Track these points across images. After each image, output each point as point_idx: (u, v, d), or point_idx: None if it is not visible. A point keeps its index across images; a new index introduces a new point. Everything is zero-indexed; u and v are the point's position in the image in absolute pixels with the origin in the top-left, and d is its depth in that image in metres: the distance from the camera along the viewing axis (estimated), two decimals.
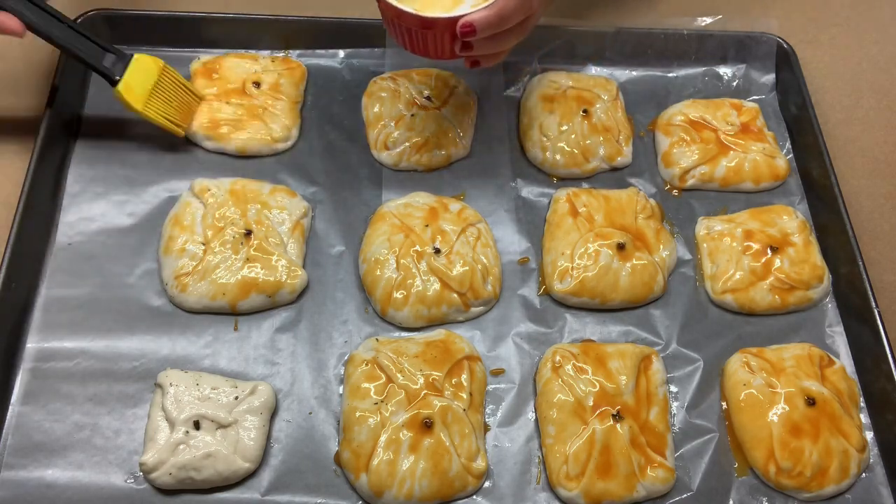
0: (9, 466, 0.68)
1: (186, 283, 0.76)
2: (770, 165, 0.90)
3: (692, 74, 0.98)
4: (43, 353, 0.73)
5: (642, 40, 0.97)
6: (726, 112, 0.93)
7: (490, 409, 0.75)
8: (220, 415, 0.69)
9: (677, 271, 0.84)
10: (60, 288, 0.77)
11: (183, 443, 0.68)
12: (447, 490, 0.69)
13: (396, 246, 0.79)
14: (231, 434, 0.69)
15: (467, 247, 0.80)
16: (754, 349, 0.79)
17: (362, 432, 0.70)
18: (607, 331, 0.80)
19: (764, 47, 0.97)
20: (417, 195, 0.84)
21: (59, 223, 0.80)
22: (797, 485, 0.72)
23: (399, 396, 0.71)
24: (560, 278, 0.80)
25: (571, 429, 0.72)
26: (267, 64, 0.91)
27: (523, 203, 0.87)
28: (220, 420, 0.69)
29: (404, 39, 0.73)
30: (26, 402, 0.71)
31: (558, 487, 0.71)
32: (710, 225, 0.86)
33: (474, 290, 0.79)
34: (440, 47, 0.72)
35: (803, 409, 0.73)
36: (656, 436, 0.73)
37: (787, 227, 0.85)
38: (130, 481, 0.69)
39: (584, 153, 0.89)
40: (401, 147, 0.87)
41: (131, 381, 0.73)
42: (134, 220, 0.81)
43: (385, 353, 0.73)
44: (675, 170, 0.89)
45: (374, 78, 0.92)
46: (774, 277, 0.81)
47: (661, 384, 0.76)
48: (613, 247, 0.81)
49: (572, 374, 0.74)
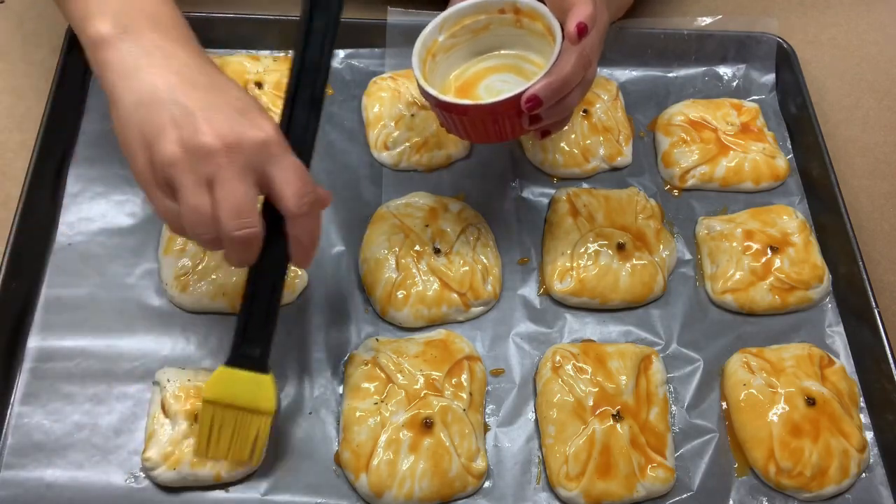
0: (9, 466, 0.68)
1: (186, 283, 0.76)
2: (770, 165, 0.90)
3: (692, 74, 0.98)
4: (43, 353, 0.73)
5: (642, 40, 0.97)
6: (726, 112, 0.93)
7: (490, 409, 0.75)
8: None
9: (677, 271, 0.84)
10: (60, 288, 0.77)
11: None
12: (447, 490, 0.69)
13: (396, 246, 0.80)
14: None
15: (467, 247, 0.81)
16: (754, 349, 0.79)
17: (362, 432, 0.70)
18: (607, 331, 0.80)
19: (764, 47, 0.97)
20: (417, 195, 0.84)
21: (59, 223, 0.80)
22: (797, 485, 0.72)
23: (399, 396, 0.71)
24: (560, 278, 0.80)
25: (571, 429, 0.72)
26: (269, 64, 0.91)
27: (523, 203, 0.87)
28: None
29: (469, 132, 0.72)
30: (26, 402, 0.71)
31: (558, 487, 0.71)
32: (710, 225, 0.86)
33: (474, 290, 0.79)
34: (508, 128, 0.70)
35: (803, 409, 0.73)
36: (656, 436, 0.73)
37: (787, 227, 0.85)
38: (130, 481, 0.69)
39: (584, 153, 0.89)
40: (401, 147, 0.87)
41: (131, 381, 0.73)
42: (134, 220, 0.81)
43: (385, 353, 0.74)
44: (675, 170, 0.89)
45: (374, 78, 0.92)
46: (774, 277, 0.81)
47: (661, 384, 0.76)
48: (613, 247, 0.81)
49: (572, 374, 0.74)
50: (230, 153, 0.56)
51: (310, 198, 0.59)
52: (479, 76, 0.77)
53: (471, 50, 0.77)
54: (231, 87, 0.61)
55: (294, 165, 0.59)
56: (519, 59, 0.76)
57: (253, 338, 0.65)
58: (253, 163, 0.57)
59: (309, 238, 0.62)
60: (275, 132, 0.59)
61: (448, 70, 0.77)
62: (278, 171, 0.58)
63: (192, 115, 0.57)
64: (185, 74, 0.59)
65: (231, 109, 0.58)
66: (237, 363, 0.65)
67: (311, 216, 0.61)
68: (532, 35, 0.75)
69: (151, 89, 0.58)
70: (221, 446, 0.66)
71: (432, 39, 0.75)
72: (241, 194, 0.57)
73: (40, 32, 0.95)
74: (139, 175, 0.59)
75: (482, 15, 0.75)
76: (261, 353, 0.66)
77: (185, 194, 0.57)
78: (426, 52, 0.74)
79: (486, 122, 0.70)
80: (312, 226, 0.62)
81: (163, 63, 0.60)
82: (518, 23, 0.75)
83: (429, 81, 0.72)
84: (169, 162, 0.56)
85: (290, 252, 0.62)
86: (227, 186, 0.56)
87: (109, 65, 0.60)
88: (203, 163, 0.56)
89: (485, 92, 0.75)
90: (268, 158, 0.58)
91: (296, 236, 0.61)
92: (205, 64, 0.62)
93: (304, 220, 0.60)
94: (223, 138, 0.56)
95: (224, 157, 0.56)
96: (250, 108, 0.59)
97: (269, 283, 0.65)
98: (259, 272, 0.64)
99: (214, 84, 0.60)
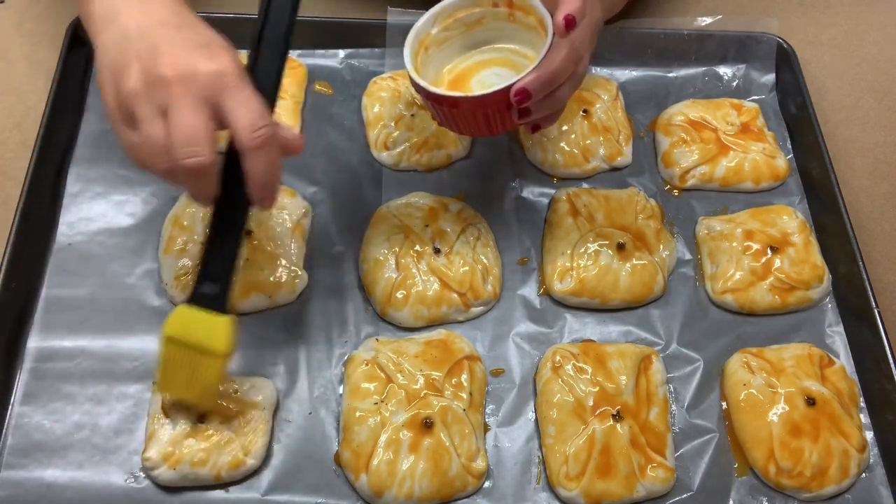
0: (9, 466, 0.68)
1: (186, 282, 0.76)
2: (770, 165, 0.90)
3: (692, 74, 0.98)
4: (43, 353, 0.73)
5: (642, 40, 0.97)
6: (726, 112, 0.93)
7: (490, 409, 0.75)
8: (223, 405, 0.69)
9: (677, 271, 0.84)
10: (60, 288, 0.77)
11: (188, 436, 0.68)
12: (447, 490, 0.69)
13: (396, 246, 0.80)
14: (235, 429, 0.69)
15: (467, 247, 0.81)
16: (754, 349, 0.79)
17: (362, 432, 0.70)
18: (607, 331, 0.80)
19: (764, 47, 0.97)
20: (417, 195, 0.84)
21: (59, 223, 0.80)
22: (797, 485, 0.72)
23: (399, 396, 0.71)
24: (560, 278, 0.80)
25: (571, 429, 0.72)
26: None
27: (523, 203, 0.87)
28: (224, 412, 0.69)
29: (460, 125, 0.72)
30: (26, 402, 0.71)
31: (558, 487, 0.71)
32: (710, 225, 0.86)
33: (474, 290, 0.79)
34: (499, 121, 0.70)
35: (803, 410, 0.73)
36: (656, 436, 0.73)
37: (787, 227, 0.85)
38: (130, 481, 0.69)
39: (584, 153, 0.89)
40: (401, 147, 0.87)
41: (131, 381, 0.73)
42: (134, 220, 0.81)
43: (385, 353, 0.74)
44: (675, 170, 0.89)
45: (374, 78, 0.92)
46: (774, 277, 0.81)
47: (661, 384, 0.76)
48: (613, 247, 0.81)
49: (572, 374, 0.74)
50: (184, 83, 0.57)
51: (263, 132, 0.59)
52: (473, 70, 0.77)
53: (464, 43, 0.77)
54: (202, 26, 0.63)
55: (248, 98, 0.59)
56: (512, 53, 0.76)
57: (212, 276, 0.65)
58: (207, 94, 0.58)
59: (264, 174, 0.60)
60: (232, 65, 0.59)
61: (441, 63, 0.77)
62: (232, 103, 0.58)
63: (155, 50, 0.58)
64: (156, 16, 0.61)
65: (193, 44, 0.60)
66: (197, 301, 0.65)
67: (266, 151, 0.59)
68: (525, 29, 0.74)
69: (124, 31, 0.61)
70: (178, 384, 0.66)
71: (425, 32, 0.75)
72: (191, 123, 0.57)
73: (40, 32, 0.95)
74: (109, 112, 0.61)
75: (476, 8, 0.75)
76: (220, 291, 0.65)
77: (142, 124, 0.58)
78: (419, 44, 0.74)
79: (477, 115, 0.70)
80: (267, 161, 0.60)
81: (138, 7, 0.62)
82: (511, 16, 0.75)
83: (421, 74, 0.72)
84: (129, 93, 0.58)
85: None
86: (179, 115, 0.57)
87: (92, 16, 0.64)
88: (159, 93, 0.58)
89: (477, 85, 0.75)
90: (222, 90, 0.58)
91: (250, 171, 0.60)
92: (180, 9, 0.64)
93: (257, 154, 0.59)
94: (178, 68, 0.57)
95: (178, 87, 0.57)
96: (213, 44, 0.61)
97: (229, 221, 0.65)
98: (221, 210, 0.64)
99: (185, 23, 0.62)
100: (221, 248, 0.65)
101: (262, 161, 0.60)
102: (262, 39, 0.64)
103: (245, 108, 0.58)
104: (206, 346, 0.65)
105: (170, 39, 0.59)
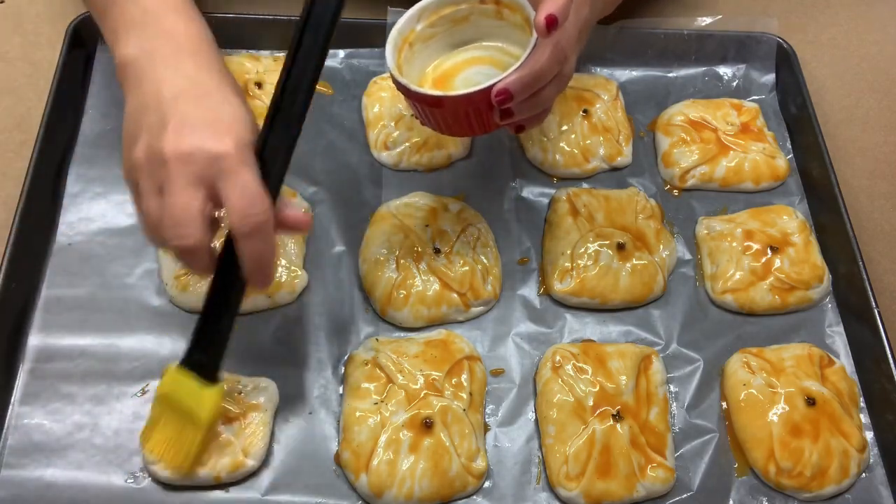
0: (9, 466, 0.68)
1: (186, 282, 0.76)
2: (770, 165, 0.90)
3: (692, 74, 0.98)
4: (43, 353, 0.73)
5: (642, 40, 0.97)
6: (726, 112, 0.93)
7: (490, 409, 0.75)
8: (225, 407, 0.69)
9: (677, 271, 0.84)
10: (60, 288, 0.77)
11: None
12: (447, 490, 0.69)
13: (396, 246, 0.80)
14: (236, 429, 0.69)
15: (467, 247, 0.81)
16: (754, 349, 0.79)
17: (362, 432, 0.70)
18: (607, 331, 0.80)
19: (764, 47, 0.98)
20: (417, 195, 0.84)
21: (59, 223, 0.80)
22: (797, 485, 0.72)
23: (399, 396, 0.71)
24: (560, 278, 0.80)
25: (571, 429, 0.72)
26: (269, 64, 0.91)
27: (523, 203, 0.87)
28: (225, 414, 0.69)
29: (441, 124, 0.70)
30: (26, 402, 0.71)
31: (558, 487, 0.71)
32: (710, 225, 0.86)
33: (474, 290, 0.79)
34: (480, 121, 0.69)
35: (803, 409, 0.73)
36: (656, 436, 0.73)
37: (787, 227, 0.85)
38: (130, 481, 0.69)
39: (584, 153, 0.89)
40: (401, 147, 0.87)
41: (131, 381, 0.73)
42: (134, 220, 0.81)
43: (385, 353, 0.74)
44: (675, 170, 0.89)
45: (374, 78, 0.92)
46: (774, 277, 0.81)
47: (661, 384, 0.76)
48: (613, 247, 0.81)
49: (572, 374, 0.74)
50: (181, 163, 0.57)
51: (254, 218, 0.58)
52: (458, 68, 0.75)
53: (450, 41, 0.75)
54: (220, 96, 0.62)
55: (245, 183, 0.58)
56: (499, 51, 0.74)
57: (204, 347, 0.65)
58: (204, 175, 0.57)
59: (254, 260, 0.60)
60: (234, 147, 0.58)
61: (426, 61, 0.75)
62: (227, 187, 0.58)
63: (163, 125, 0.59)
64: (178, 85, 0.61)
65: (202, 121, 0.59)
66: (188, 365, 0.66)
67: (258, 238, 0.59)
68: (513, 27, 0.73)
69: (143, 99, 0.61)
70: (159, 443, 0.66)
71: (409, 28, 0.73)
72: (182, 204, 0.57)
73: (40, 32, 0.95)
74: (123, 175, 0.63)
75: (462, 5, 0.73)
76: (209, 362, 0.65)
77: (141, 198, 0.60)
78: (402, 40, 0.72)
79: (459, 115, 0.68)
80: (258, 248, 0.59)
81: (165, 76, 0.62)
82: (499, 14, 0.73)
83: (406, 72, 0.71)
84: (134, 166, 0.60)
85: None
86: (172, 195, 0.57)
87: (126, 79, 0.65)
88: (157, 170, 0.58)
89: (462, 84, 0.73)
90: (219, 172, 0.57)
91: (240, 255, 0.60)
92: (206, 74, 0.63)
93: (247, 241, 0.59)
94: (178, 148, 0.57)
95: (175, 166, 0.57)
96: (224, 120, 0.59)
97: (226, 296, 0.64)
98: (218, 283, 0.64)
99: (203, 93, 0.61)
100: (216, 323, 0.65)
101: (253, 247, 0.59)
102: (279, 112, 0.62)
103: (239, 194, 0.57)
104: (191, 415, 0.65)
105: (180, 114, 0.59)
